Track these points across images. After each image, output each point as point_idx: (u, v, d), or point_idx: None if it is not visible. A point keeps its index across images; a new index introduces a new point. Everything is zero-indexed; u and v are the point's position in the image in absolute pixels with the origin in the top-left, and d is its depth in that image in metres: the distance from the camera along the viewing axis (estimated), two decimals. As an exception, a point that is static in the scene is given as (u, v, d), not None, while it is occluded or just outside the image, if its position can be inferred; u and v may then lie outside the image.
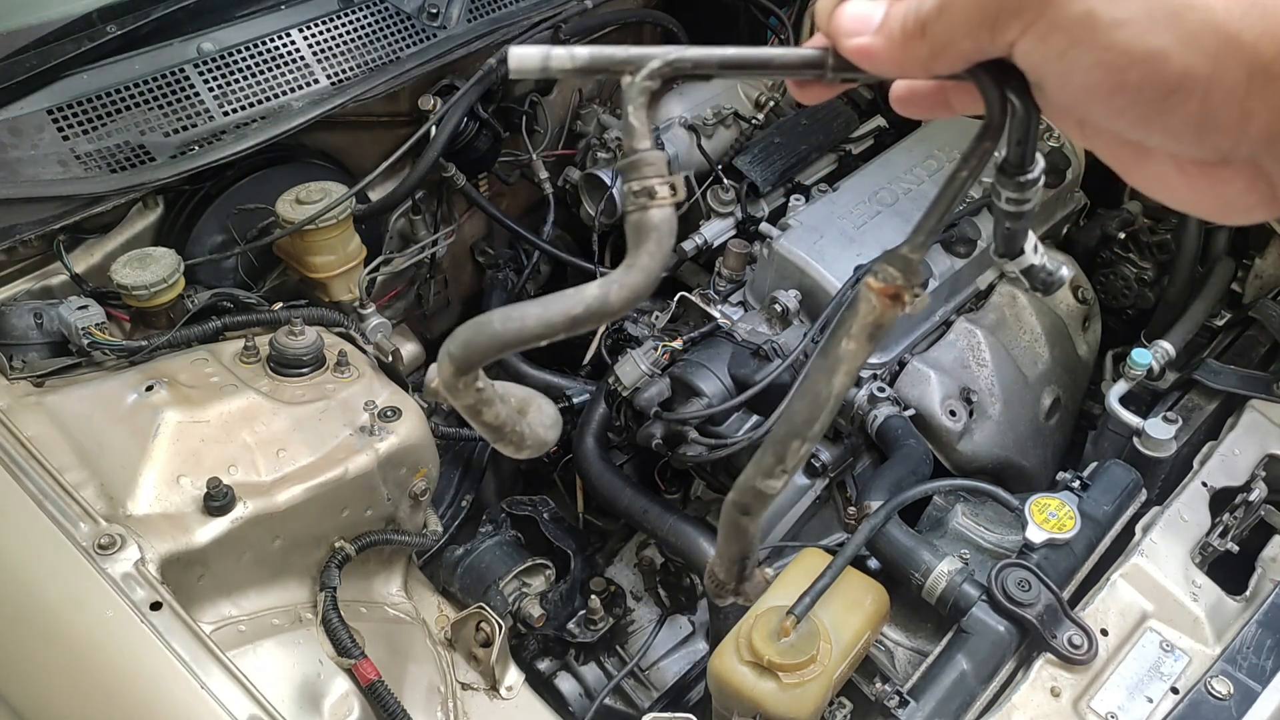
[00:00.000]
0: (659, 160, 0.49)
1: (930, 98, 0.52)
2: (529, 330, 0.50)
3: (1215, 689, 1.24)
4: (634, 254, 0.49)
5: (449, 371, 0.54)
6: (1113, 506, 1.46)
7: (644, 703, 1.60)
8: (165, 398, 1.27)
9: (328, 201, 1.55)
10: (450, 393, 0.55)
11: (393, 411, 1.34)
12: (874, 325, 0.50)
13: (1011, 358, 1.74)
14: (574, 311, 0.50)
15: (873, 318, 0.49)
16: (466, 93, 1.76)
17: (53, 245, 1.46)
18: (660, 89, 0.53)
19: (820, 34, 0.49)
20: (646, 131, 0.49)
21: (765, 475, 0.54)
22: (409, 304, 1.96)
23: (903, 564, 1.38)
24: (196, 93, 1.54)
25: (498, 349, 0.52)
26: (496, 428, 0.60)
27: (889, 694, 1.27)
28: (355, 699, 1.15)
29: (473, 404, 0.57)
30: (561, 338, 0.51)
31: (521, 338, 0.51)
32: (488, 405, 0.58)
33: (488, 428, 0.60)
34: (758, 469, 0.54)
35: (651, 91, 0.49)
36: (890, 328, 0.50)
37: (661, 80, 0.49)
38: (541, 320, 0.50)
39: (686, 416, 1.57)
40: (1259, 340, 1.80)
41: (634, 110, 0.49)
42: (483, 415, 0.58)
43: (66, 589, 1.06)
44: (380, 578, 1.41)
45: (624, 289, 0.49)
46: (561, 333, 0.50)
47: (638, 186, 0.49)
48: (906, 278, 0.49)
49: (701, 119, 1.99)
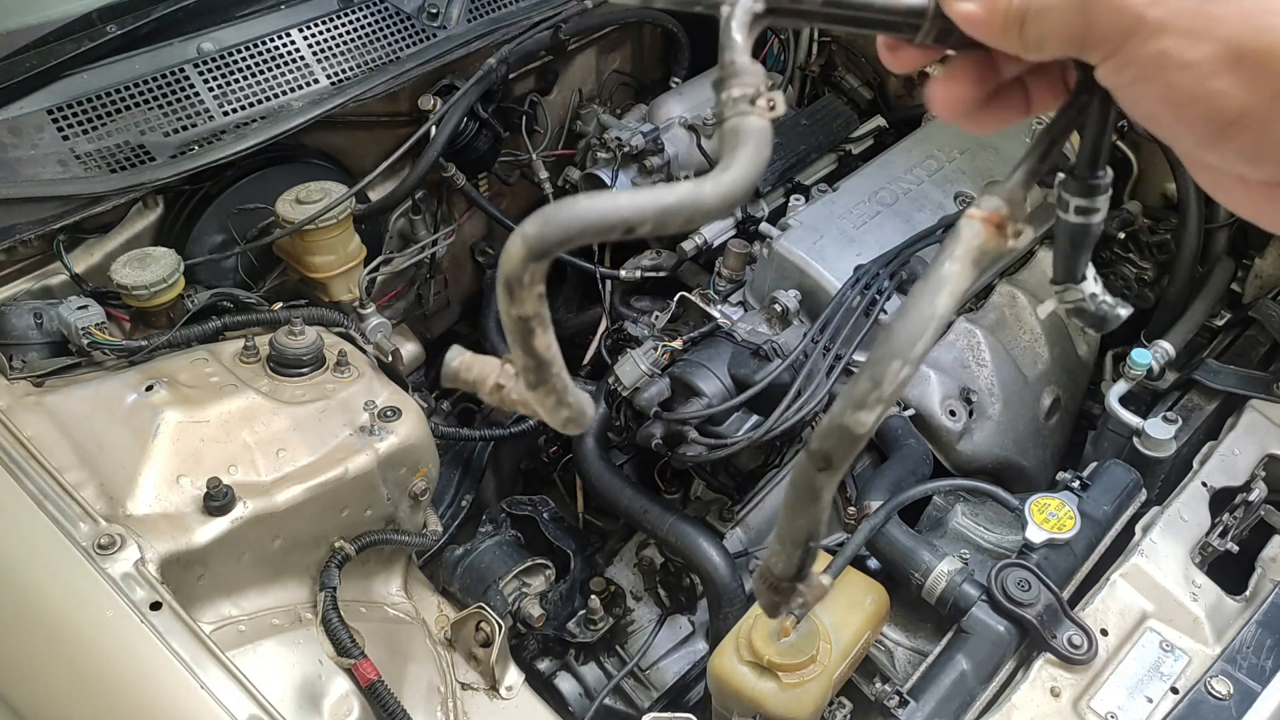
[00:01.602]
0: (761, 73, 0.47)
1: (983, 106, 0.53)
2: (617, 214, 0.43)
3: (1215, 689, 1.24)
4: (730, 157, 0.45)
5: (519, 255, 0.44)
6: (1112, 506, 1.46)
7: (644, 703, 1.60)
8: (165, 398, 1.27)
9: (328, 201, 1.55)
10: (511, 289, 0.45)
11: (392, 411, 1.34)
12: (979, 251, 0.47)
13: (1011, 358, 1.74)
14: (665, 201, 0.44)
15: (977, 243, 0.47)
16: (466, 93, 1.76)
17: (53, 245, 1.46)
18: (762, 17, 0.48)
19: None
20: (747, 49, 0.47)
21: (858, 406, 0.45)
22: (409, 304, 1.96)
23: (903, 564, 1.38)
24: (196, 93, 1.54)
25: (579, 231, 0.43)
26: (544, 363, 0.48)
27: (889, 694, 1.27)
28: (355, 699, 1.15)
29: (529, 316, 0.46)
30: (646, 234, 0.45)
31: (606, 222, 0.43)
32: (542, 328, 0.47)
33: (534, 360, 0.48)
34: (848, 400, 0.46)
35: (756, 15, 0.47)
36: (995, 257, 0.48)
37: (764, 8, 0.47)
38: (632, 205, 0.43)
39: (686, 416, 1.57)
40: (1259, 340, 1.80)
41: (736, 27, 0.47)
42: (533, 340, 0.47)
43: (66, 589, 1.06)
44: (380, 578, 1.41)
45: (720, 186, 0.44)
46: (649, 225, 0.44)
47: (738, 93, 0.46)
48: (1011, 209, 0.47)
49: (701, 119, 1.99)
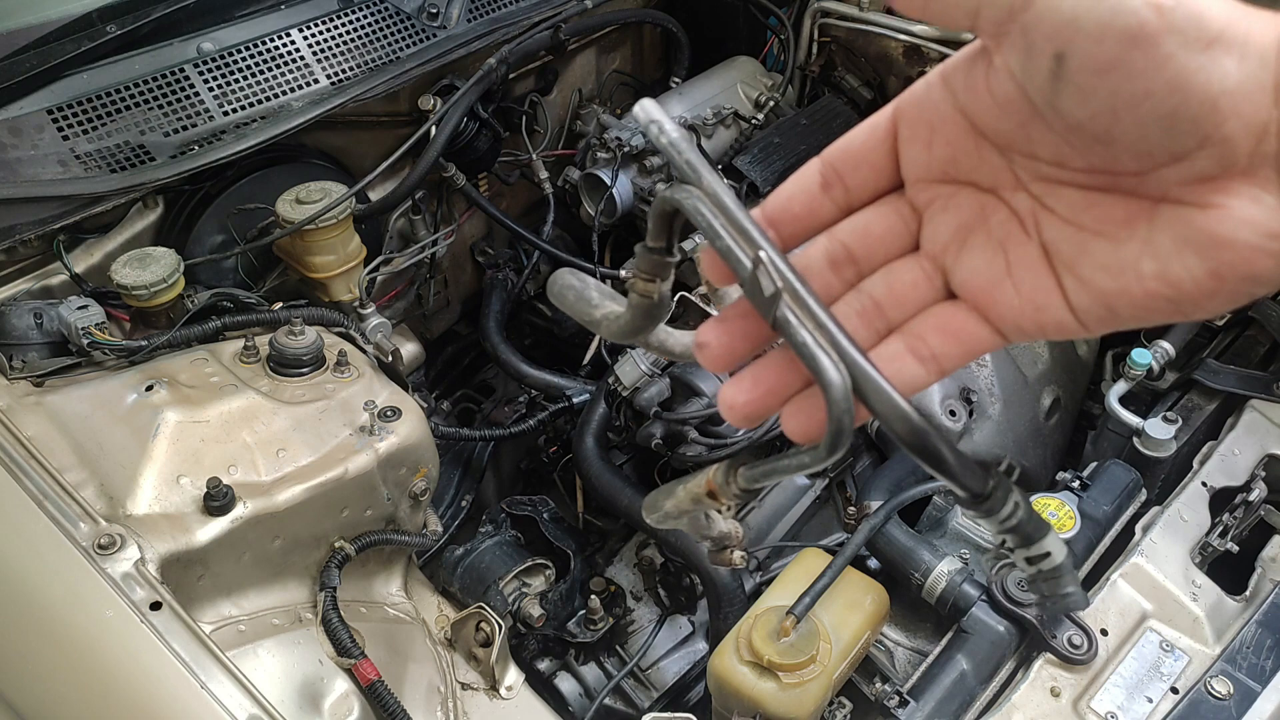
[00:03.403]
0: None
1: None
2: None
3: (1215, 689, 1.24)
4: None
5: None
6: (1112, 506, 1.46)
7: (644, 703, 1.60)
8: (165, 397, 1.27)
9: (328, 201, 1.55)
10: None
11: (392, 411, 1.34)
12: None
13: (1011, 357, 1.74)
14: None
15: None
16: (466, 93, 1.76)
17: (53, 245, 1.46)
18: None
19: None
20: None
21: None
22: (409, 304, 1.96)
23: (902, 564, 1.38)
24: (196, 92, 1.54)
25: None
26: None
27: (889, 694, 1.27)
28: (355, 699, 1.15)
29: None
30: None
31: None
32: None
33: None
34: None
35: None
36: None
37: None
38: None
39: (686, 416, 1.57)
40: (1259, 340, 1.80)
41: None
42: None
43: (66, 589, 1.06)
44: (380, 578, 1.41)
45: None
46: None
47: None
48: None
49: (701, 119, 1.99)
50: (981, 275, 0.43)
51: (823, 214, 0.46)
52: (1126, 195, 0.39)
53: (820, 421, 0.43)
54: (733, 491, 0.51)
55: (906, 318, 0.45)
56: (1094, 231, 0.40)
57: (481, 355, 2.11)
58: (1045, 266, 0.42)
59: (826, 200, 0.46)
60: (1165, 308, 0.39)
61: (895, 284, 0.45)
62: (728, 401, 0.45)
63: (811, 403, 0.44)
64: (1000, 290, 0.43)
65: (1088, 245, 0.40)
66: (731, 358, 0.46)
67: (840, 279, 0.46)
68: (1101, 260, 0.40)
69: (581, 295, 0.54)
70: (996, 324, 0.43)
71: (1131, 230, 0.39)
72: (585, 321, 0.54)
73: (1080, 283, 0.41)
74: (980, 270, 0.43)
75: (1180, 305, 0.39)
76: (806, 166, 0.47)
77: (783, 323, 0.41)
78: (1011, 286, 0.42)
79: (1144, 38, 0.36)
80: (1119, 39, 0.36)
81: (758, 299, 0.42)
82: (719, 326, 0.45)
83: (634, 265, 0.48)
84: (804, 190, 0.46)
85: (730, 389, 0.45)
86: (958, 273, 0.44)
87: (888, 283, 0.45)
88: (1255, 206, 0.37)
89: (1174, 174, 0.38)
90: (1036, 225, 0.42)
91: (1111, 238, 0.40)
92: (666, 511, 0.57)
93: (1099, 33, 0.36)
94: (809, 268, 0.46)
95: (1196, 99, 0.36)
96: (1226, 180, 0.37)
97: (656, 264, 0.47)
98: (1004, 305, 0.43)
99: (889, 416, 0.41)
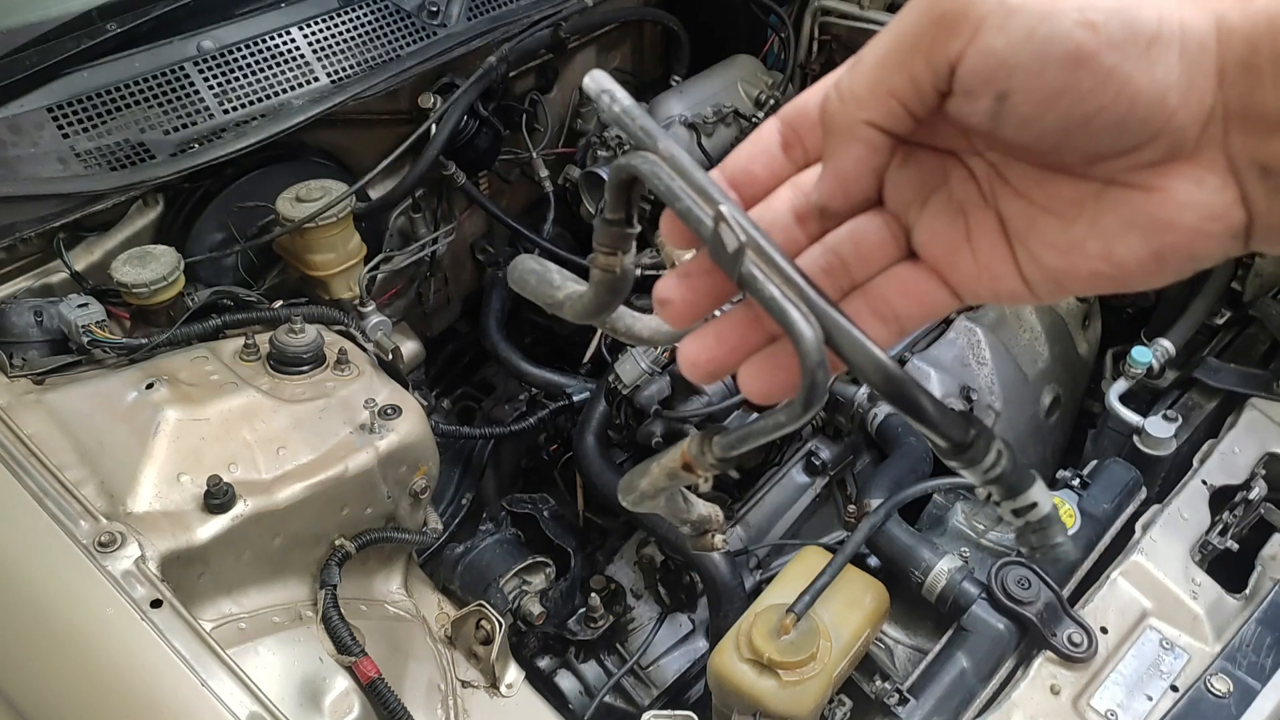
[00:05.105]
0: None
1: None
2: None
3: (1215, 687, 1.24)
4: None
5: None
6: (1112, 504, 1.46)
7: (644, 700, 1.60)
8: (165, 395, 1.27)
9: (328, 199, 1.55)
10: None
11: (393, 409, 1.34)
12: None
13: (1011, 356, 1.74)
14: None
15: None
16: (466, 91, 1.76)
17: (53, 243, 1.46)
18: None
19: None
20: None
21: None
22: (409, 302, 1.96)
23: (903, 562, 1.38)
24: (196, 91, 1.54)
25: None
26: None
27: (889, 692, 1.27)
28: (355, 696, 1.15)
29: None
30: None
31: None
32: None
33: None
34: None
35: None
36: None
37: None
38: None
39: (687, 415, 1.57)
40: (1259, 338, 1.80)
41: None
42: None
43: (67, 587, 1.06)
44: (380, 575, 1.41)
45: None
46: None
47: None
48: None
49: (701, 117, 1.99)
50: (942, 239, 0.43)
51: (784, 175, 0.46)
52: (1075, 177, 0.40)
53: (781, 380, 0.42)
54: (709, 462, 0.49)
55: (869, 276, 0.44)
56: (1043, 208, 0.41)
57: (482, 353, 2.11)
58: (1001, 236, 0.42)
59: (787, 161, 0.46)
60: (1109, 285, 0.40)
61: (861, 242, 0.44)
62: (689, 358, 0.44)
63: (771, 360, 0.43)
64: (960, 255, 0.43)
65: (1037, 221, 0.41)
66: (694, 313, 0.45)
67: (806, 233, 0.45)
68: (1050, 238, 0.41)
69: (543, 278, 0.53)
70: (955, 288, 0.43)
71: (1080, 210, 0.40)
72: (548, 304, 0.52)
73: (1031, 257, 0.41)
74: (941, 233, 0.43)
75: (1124, 282, 0.40)
76: (764, 126, 0.46)
77: (748, 279, 0.40)
78: (970, 253, 0.43)
79: (1084, 58, 0.36)
80: (1060, 66, 0.36)
81: (721, 256, 0.41)
82: (681, 282, 0.44)
83: (594, 240, 0.47)
84: (764, 151, 0.46)
85: (692, 345, 0.44)
86: (919, 232, 0.44)
87: (854, 240, 0.44)
88: (1198, 189, 0.37)
89: (1122, 163, 0.38)
90: (994, 194, 0.42)
91: (1060, 215, 0.40)
92: (642, 491, 0.55)
93: (1038, 65, 0.36)
94: (774, 222, 0.45)
95: (1144, 101, 0.36)
96: (1172, 164, 0.38)
97: (616, 236, 0.46)
98: (963, 271, 0.43)
99: (864, 367, 0.40)
